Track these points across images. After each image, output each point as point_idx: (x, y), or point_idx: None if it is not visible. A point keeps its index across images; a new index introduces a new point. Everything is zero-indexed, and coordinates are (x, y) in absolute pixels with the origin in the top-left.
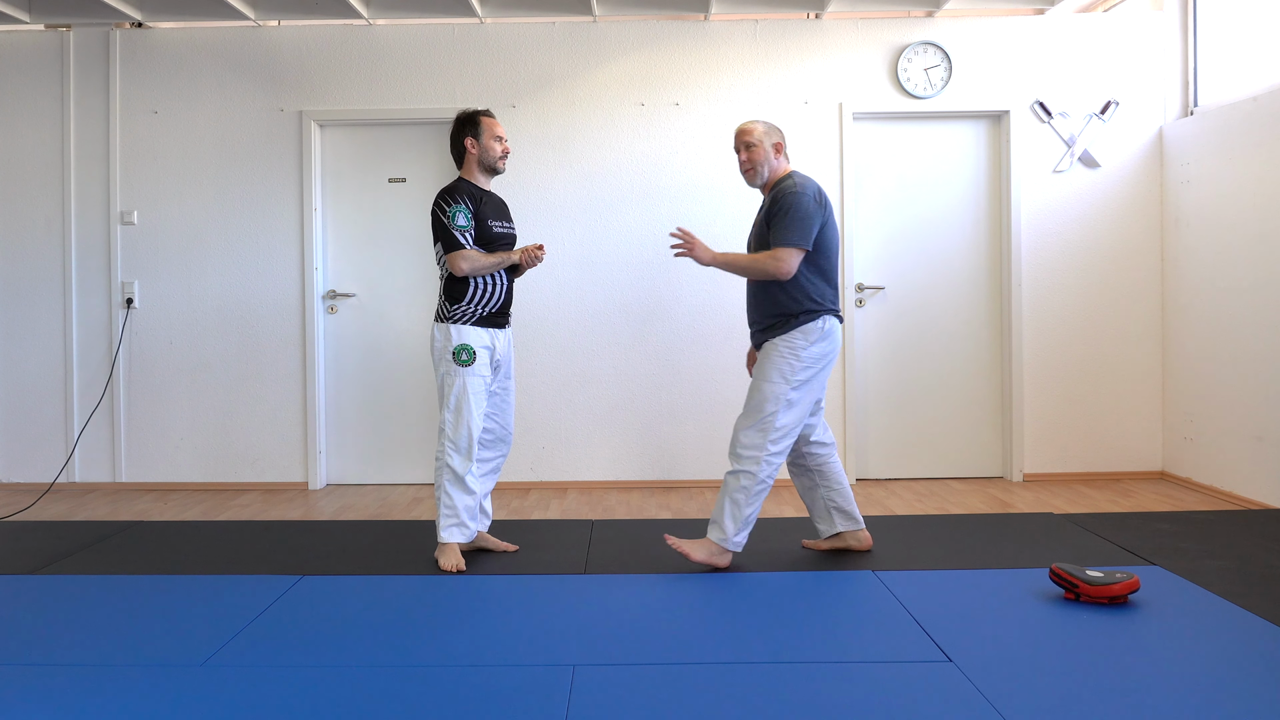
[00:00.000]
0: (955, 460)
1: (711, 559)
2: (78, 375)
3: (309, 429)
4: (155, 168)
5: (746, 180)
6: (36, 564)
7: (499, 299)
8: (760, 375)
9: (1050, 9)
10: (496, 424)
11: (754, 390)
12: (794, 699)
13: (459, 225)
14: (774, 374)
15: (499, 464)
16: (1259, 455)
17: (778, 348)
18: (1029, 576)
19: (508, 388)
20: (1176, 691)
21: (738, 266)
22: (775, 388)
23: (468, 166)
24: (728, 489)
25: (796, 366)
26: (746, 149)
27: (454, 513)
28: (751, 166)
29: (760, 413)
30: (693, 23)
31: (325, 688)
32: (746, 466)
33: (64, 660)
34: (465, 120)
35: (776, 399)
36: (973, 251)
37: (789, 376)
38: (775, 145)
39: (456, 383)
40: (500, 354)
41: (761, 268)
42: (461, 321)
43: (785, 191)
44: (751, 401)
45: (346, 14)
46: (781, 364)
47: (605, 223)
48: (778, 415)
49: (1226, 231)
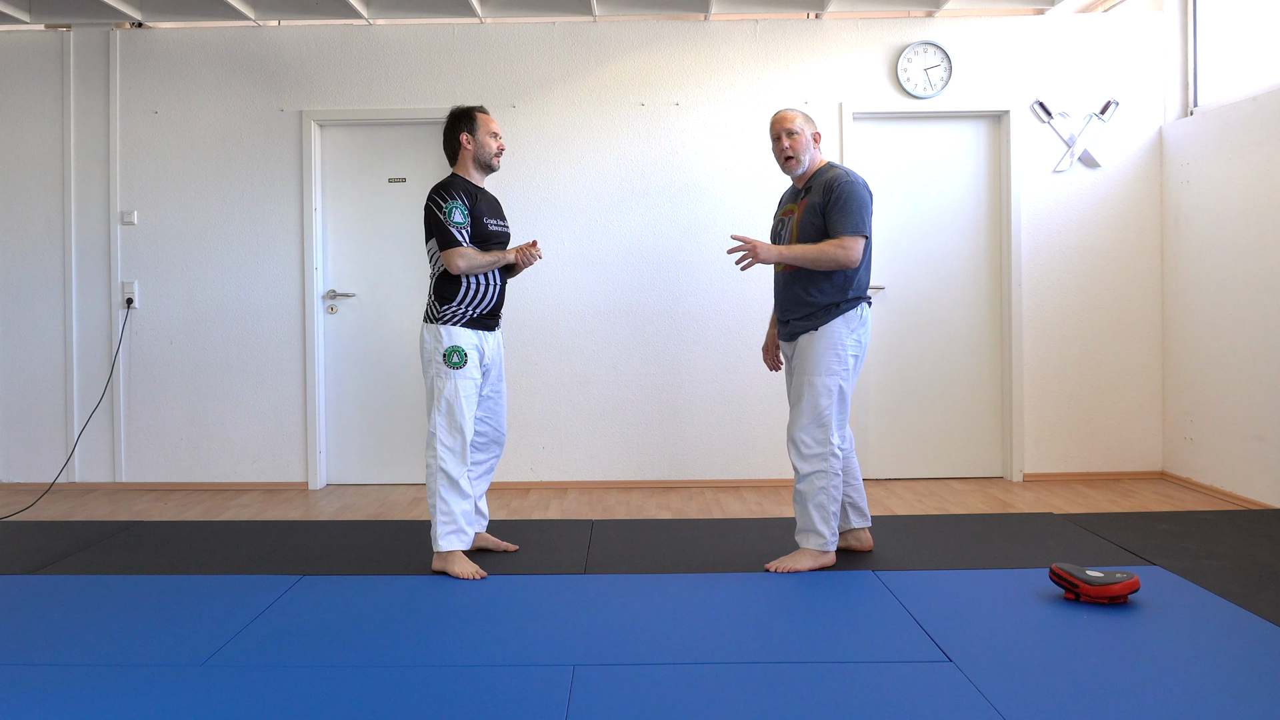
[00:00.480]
0: (955, 460)
1: (820, 562)
2: (78, 375)
3: (309, 429)
4: (155, 168)
5: (786, 168)
6: (36, 564)
7: (490, 300)
8: (809, 370)
9: (1050, 9)
10: (490, 426)
11: (805, 387)
12: (794, 699)
13: (455, 222)
14: (823, 367)
15: (493, 465)
16: (1259, 455)
17: (823, 339)
18: (1029, 576)
19: (500, 390)
20: (1176, 691)
21: (806, 258)
22: (828, 380)
23: (462, 163)
24: (809, 496)
25: (844, 356)
26: (789, 135)
27: (451, 519)
28: (794, 154)
29: (817, 409)
30: (693, 23)
31: (325, 688)
32: (819, 466)
33: (64, 660)
34: (460, 116)
35: (829, 391)
36: (973, 251)
37: (837, 367)
38: (814, 135)
39: (448, 386)
40: (490, 357)
41: (831, 256)
42: (452, 323)
43: (839, 180)
44: (805, 399)
45: (346, 14)
46: (828, 356)
47: (605, 223)
48: (834, 408)
49: (1226, 231)
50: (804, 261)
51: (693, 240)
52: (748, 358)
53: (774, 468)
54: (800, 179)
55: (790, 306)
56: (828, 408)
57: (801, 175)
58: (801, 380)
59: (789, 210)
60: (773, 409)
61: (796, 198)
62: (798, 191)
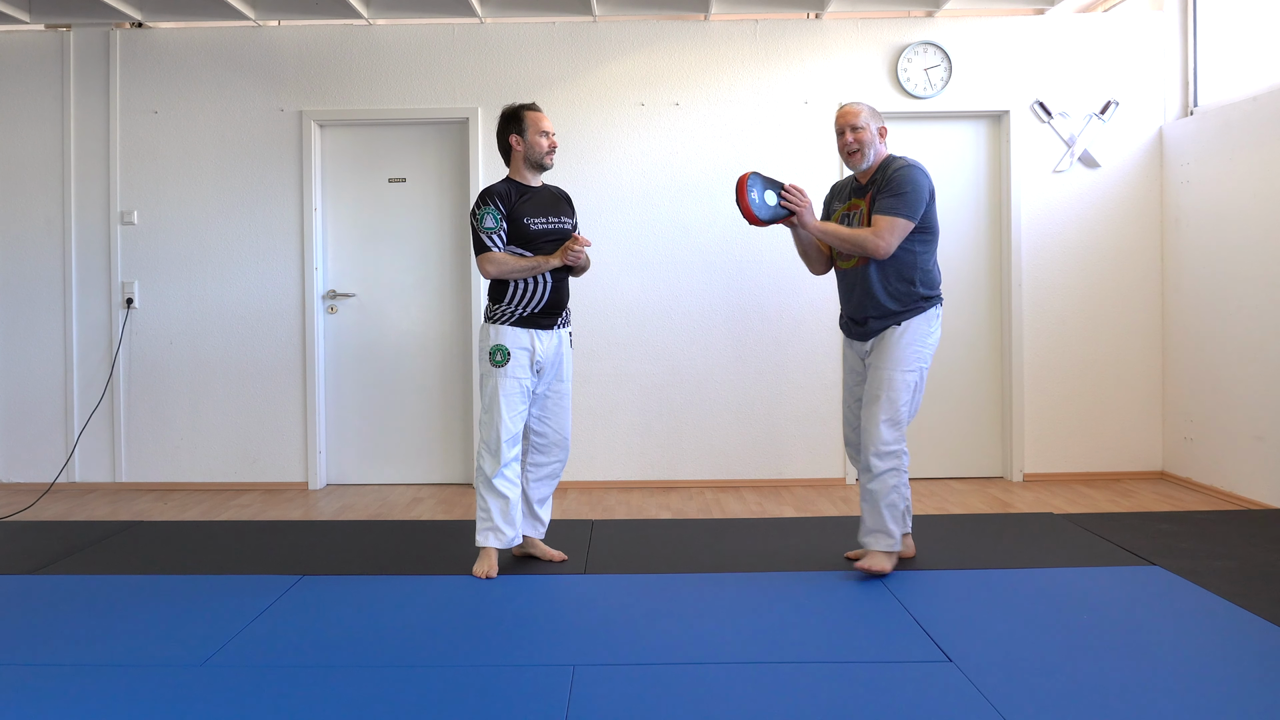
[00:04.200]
0: (955, 460)
1: (892, 562)
2: (78, 375)
3: (309, 429)
4: (155, 168)
5: (851, 164)
6: (36, 564)
7: (541, 299)
8: (889, 364)
9: (1050, 9)
10: (550, 428)
11: (885, 383)
12: (794, 699)
13: (486, 228)
14: (905, 363)
15: (556, 469)
16: (1259, 455)
17: (907, 334)
18: (1029, 576)
19: (560, 391)
20: (1176, 691)
21: (838, 237)
22: (909, 376)
23: (515, 164)
24: (881, 495)
25: (925, 354)
26: (853, 130)
27: (487, 516)
28: (859, 148)
29: (895, 405)
30: (693, 23)
31: (325, 688)
32: (892, 464)
33: (64, 660)
34: (510, 117)
35: (909, 387)
36: (973, 251)
37: (918, 365)
38: (880, 129)
39: (490, 384)
40: (542, 356)
41: (860, 242)
42: (501, 322)
43: (899, 166)
44: (885, 394)
45: (346, 14)
46: (910, 352)
47: (605, 223)
48: (910, 405)
49: (1226, 231)
50: (836, 241)
51: (692, 240)
52: (748, 357)
53: (774, 468)
54: (865, 174)
55: (865, 305)
56: (904, 405)
57: (866, 170)
58: (881, 376)
59: (855, 205)
60: (773, 409)
61: (863, 193)
62: (862, 186)
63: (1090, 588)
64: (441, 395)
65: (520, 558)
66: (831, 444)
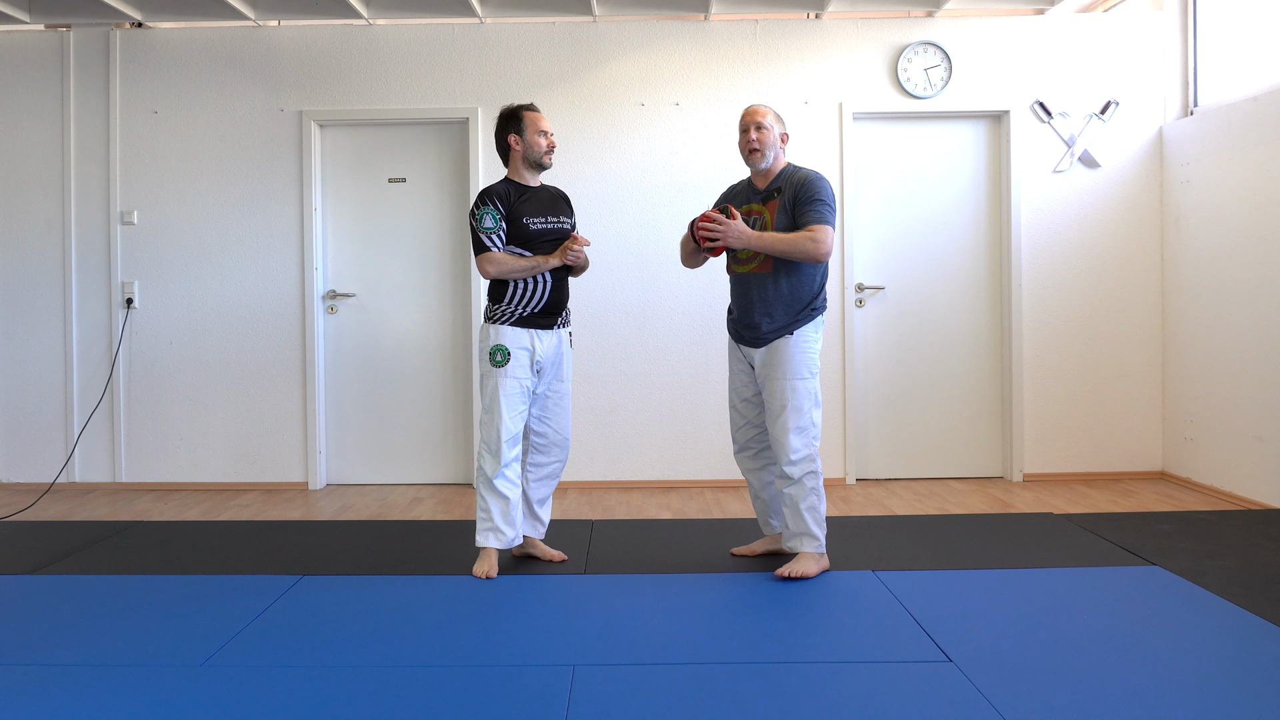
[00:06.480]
0: (955, 460)
1: (822, 565)
2: (78, 375)
3: (309, 429)
4: (155, 168)
5: (751, 161)
6: (36, 564)
7: (541, 299)
8: (789, 374)
9: (1050, 9)
10: (550, 428)
11: (786, 392)
12: (794, 699)
13: (485, 228)
14: (802, 370)
15: (556, 469)
16: (1259, 455)
17: (797, 343)
18: (1029, 576)
19: (560, 390)
20: (1176, 691)
21: (776, 247)
22: (808, 384)
23: (513, 164)
24: (799, 500)
25: (815, 359)
26: (758, 129)
27: (487, 517)
28: (760, 148)
29: (800, 413)
30: (693, 23)
31: (325, 688)
32: (808, 468)
33: (64, 660)
34: (508, 117)
35: (809, 394)
36: (972, 251)
37: (814, 370)
38: (783, 135)
39: (490, 384)
40: (543, 356)
41: (800, 247)
42: (501, 322)
43: (809, 177)
44: (790, 403)
45: (346, 14)
46: (803, 360)
47: (605, 223)
48: (813, 411)
49: (1226, 231)
50: (777, 249)
51: None
52: None
53: None
54: (763, 177)
55: (760, 311)
56: (809, 412)
57: (765, 173)
58: (782, 385)
59: (757, 210)
60: None
61: (765, 199)
62: (764, 192)
63: (1090, 588)
64: (441, 395)
65: (520, 558)
66: (830, 443)
